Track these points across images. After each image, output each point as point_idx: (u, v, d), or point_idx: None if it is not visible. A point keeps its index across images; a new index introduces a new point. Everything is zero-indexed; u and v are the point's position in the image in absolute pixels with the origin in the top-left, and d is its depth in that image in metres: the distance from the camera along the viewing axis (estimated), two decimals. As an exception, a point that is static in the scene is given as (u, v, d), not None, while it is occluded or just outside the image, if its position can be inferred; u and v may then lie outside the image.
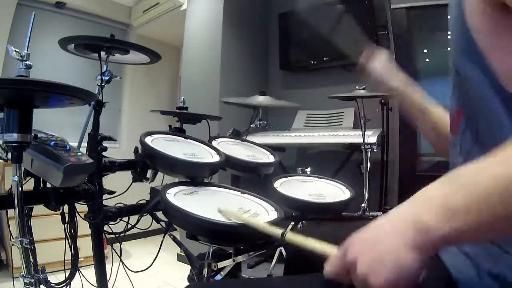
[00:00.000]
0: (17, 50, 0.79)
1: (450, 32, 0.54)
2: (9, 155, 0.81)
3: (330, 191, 1.25)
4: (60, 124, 2.40)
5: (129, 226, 1.11)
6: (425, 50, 2.27)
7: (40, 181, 0.94)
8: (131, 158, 1.08)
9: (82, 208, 1.04)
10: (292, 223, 1.20)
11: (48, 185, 0.93)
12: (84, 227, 1.06)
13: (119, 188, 1.13)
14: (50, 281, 0.89)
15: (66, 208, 1.00)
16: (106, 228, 1.09)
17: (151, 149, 0.97)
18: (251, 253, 0.99)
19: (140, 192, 1.11)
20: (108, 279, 1.12)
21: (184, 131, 1.39)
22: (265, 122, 1.68)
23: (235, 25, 2.63)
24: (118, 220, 1.09)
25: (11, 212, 0.83)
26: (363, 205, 1.65)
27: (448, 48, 0.61)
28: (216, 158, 1.07)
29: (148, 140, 1.02)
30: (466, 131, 0.54)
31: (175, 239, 1.05)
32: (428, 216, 0.37)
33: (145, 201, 1.10)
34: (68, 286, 0.99)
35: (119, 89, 3.42)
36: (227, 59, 2.56)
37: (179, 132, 1.34)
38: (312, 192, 1.19)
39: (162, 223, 1.00)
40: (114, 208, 1.08)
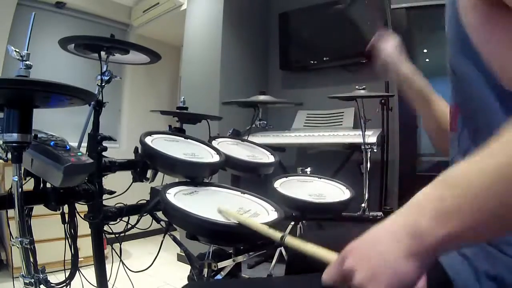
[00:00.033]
0: (17, 50, 0.79)
1: (446, 32, 0.54)
2: (9, 155, 0.82)
3: (330, 191, 1.25)
4: (60, 124, 2.41)
5: (129, 226, 1.11)
6: (425, 50, 2.27)
7: (40, 181, 0.94)
8: (131, 158, 1.08)
9: (82, 208, 1.04)
10: (292, 223, 1.21)
11: (48, 185, 0.93)
12: (84, 227, 1.06)
13: (119, 188, 1.13)
14: (50, 281, 0.89)
15: (66, 208, 1.00)
16: (106, 228, 1.09)
17: (151, 149, 0.97)
18: (251, 253, 0.99)
19: (140, 192, 1.11)
20: (108, 279, 1.12)
21: (184, 131, 1.39)
22: (265, 122, 1.69)
23: (235, 25, 2.63)
24: (118, 220, 1.09)
25: (11, 212, 0.83)
26: (363, 205, 1.65)
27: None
28: (216, 158, 1.07)
29: (148, 140, 1.02)
30: (463, 129, 0.54)
31: (175, 239, 1.05)
32: (423, 222, 0.37)
33: (145, 201, 1.10)
34: (68, 286, 0.99)
35: (119, 89, 3.42)
36: (227, 59, 2.56)
37: (179, 132, 1.34)
38: (312, 192, 1.19)
39: (162, 223, 1.00)
40: (114, 208, 1.08)
